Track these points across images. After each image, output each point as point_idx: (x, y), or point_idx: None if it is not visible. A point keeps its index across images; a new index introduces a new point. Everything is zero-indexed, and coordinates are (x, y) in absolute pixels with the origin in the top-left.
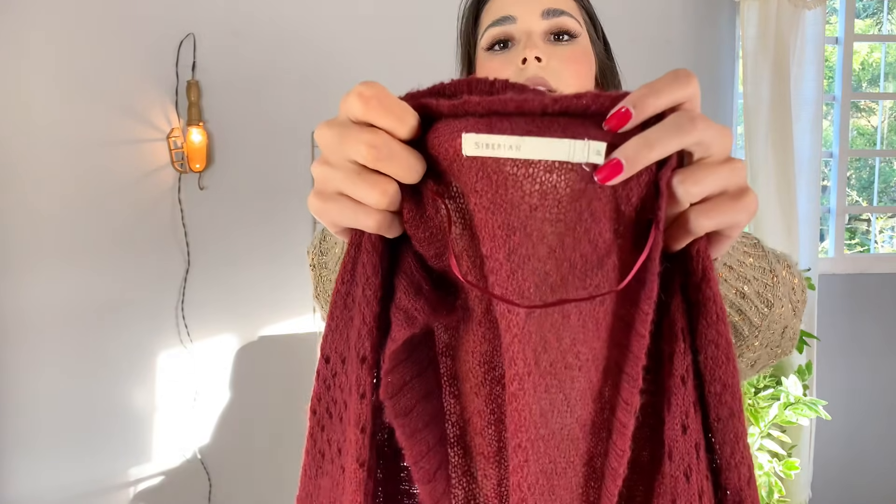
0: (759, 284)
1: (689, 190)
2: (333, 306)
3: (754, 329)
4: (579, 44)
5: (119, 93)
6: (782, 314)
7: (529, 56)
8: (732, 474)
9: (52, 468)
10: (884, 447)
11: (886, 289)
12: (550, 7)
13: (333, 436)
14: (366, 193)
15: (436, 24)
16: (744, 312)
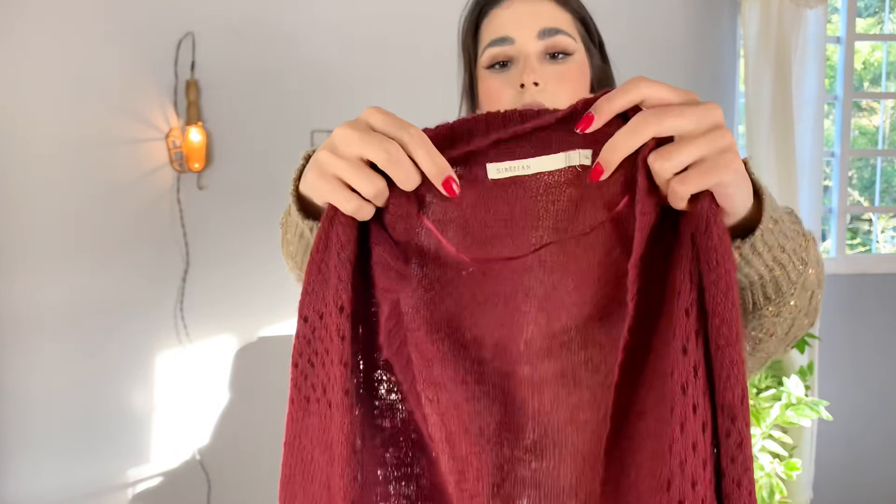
0: (794, 244)
1: (662, 165)
2: (309, 273)
3: (791, 285)
4: (574, 60)
5: (118, 92)
6: (813, 279)
7: (527, 82)
8: (727, 394)
9: (52, 468)
10: (886, 448)
11: (888, 289)
12: (546, 27)
13: (317, 381)
14: (364, 184)
15: (435, 23)
16: (784, 266)
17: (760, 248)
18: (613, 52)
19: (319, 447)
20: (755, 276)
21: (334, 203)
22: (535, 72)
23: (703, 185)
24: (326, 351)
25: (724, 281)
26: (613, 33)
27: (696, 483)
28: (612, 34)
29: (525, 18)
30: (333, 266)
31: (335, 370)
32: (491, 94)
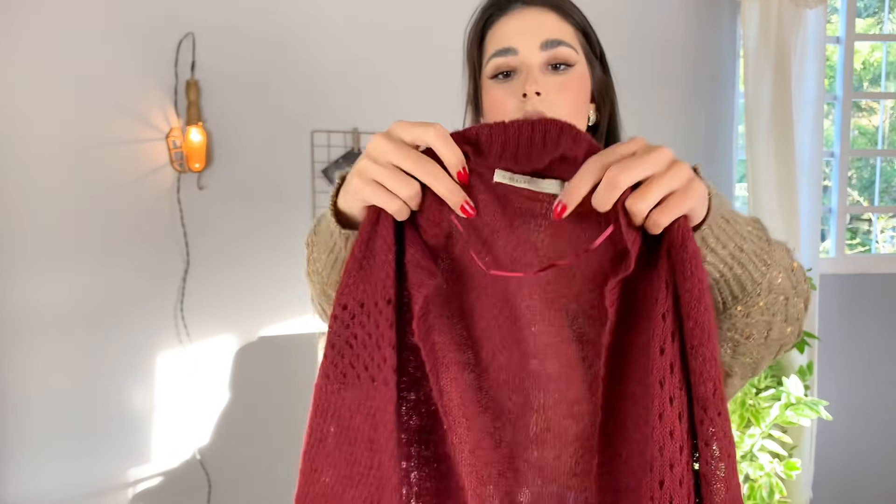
0: (755, 246)
1: (640, 206)
2: (350, 267)
3: (756, 285)
4: (575, 71)
5: (118, 92)
6: (781, 284)
7: (530, 91)
8: (701, 387)
9: (53, 468)
10: (885, 447)
11: (888, 289)
12: (549, 38)
13: (356, 360)
14: (402, 187)
15: (435, 23)
16: (745, 266)
17: (713, 243)
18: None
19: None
20: (716, 273)
21: (379, 203)
22: (537, 82)
23: (679, 213)
24: (369, 335)
25: (698, 288)
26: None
27: (674, 465)
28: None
29: (528, 30)
30: (380, 263)
31: (385, 352)
32: (495, 104)
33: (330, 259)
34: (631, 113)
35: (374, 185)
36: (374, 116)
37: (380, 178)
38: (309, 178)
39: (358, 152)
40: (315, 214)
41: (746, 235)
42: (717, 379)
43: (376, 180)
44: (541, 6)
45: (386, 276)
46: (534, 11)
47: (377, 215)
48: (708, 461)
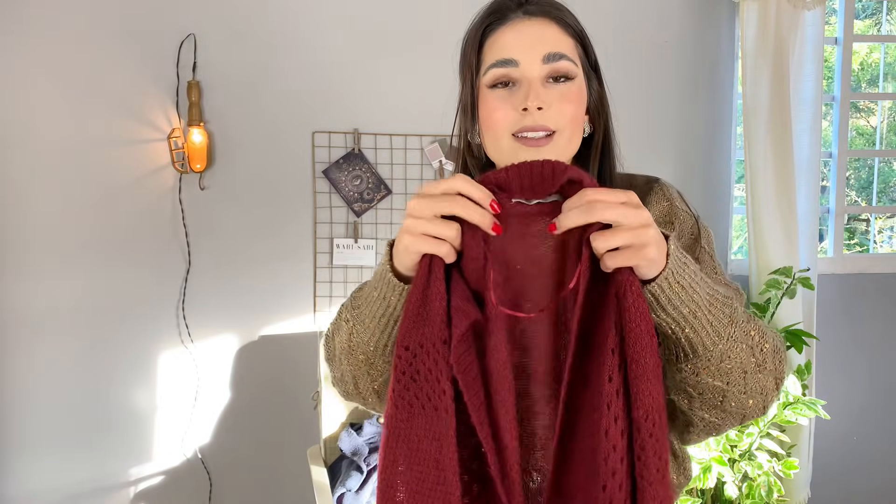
0: (713, 318)
1: (598, 245)
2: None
3: (707, 352)
4: (575, 84)
5: (120, 93)
6: (739, 358)
7: (531, 106)
8: (636, 412)
9: (54, 467)
10: (883, 446)
11: (885, 289)
12: (551, 52)
13: (420, 392)
14: (445, 230)
15: (435, 23)
16: (696, 331)
17: (663, 301)
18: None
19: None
20: (667, 329)
21: (430, 250)
22: (539, 97)
23: (624, 264)
24: (430, 371)
25: (635, 332)
26: (613, 35)
27: (616, 473)
28: (612, 35)
29: (530, 42)
30: (436, 309)
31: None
32: (492, 114)
33: (381, 324)
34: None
35: (423, 237)
36: (375, 117)
37: (426, 230)
38: (310, 179)
39: (358, 152)
40: (316, 215)
41: (704, 306)
42: (648, 406)
43: (424, 232)
44: (542, 17)
45: (441, 321)
46: (535, 22)
47: (429, 266)
48: (640, 471)
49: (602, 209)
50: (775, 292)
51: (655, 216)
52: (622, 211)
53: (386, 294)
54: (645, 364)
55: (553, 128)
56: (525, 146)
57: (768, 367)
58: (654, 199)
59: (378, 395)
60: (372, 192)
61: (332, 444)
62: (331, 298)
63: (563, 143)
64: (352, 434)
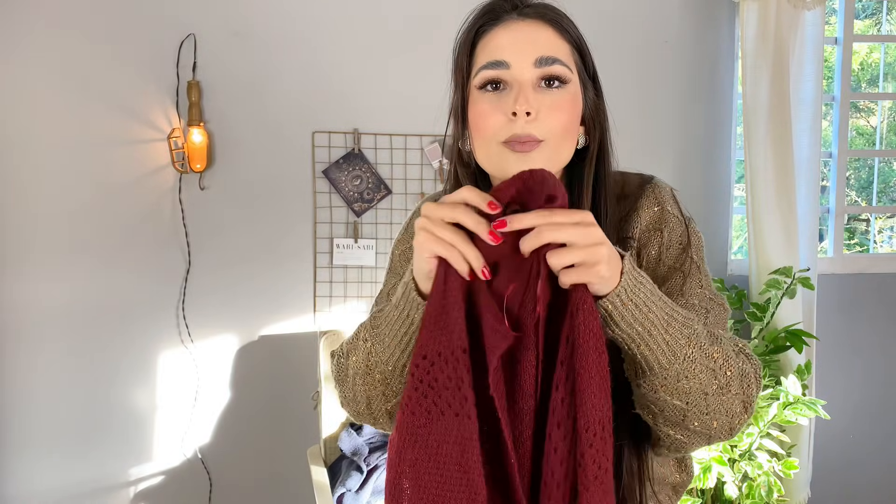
0: (669, 337)
1: (554, 262)
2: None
3: (663, 370)
4: (568, 90)
5: (120, 93)
6: (698, 377)
7: (520, 111)
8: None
9: (52, 468)
10: (883, 446)
11: (885, 289)
12: (544, 55)
13: (438, 399)
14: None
15: (435, 24)
16: (651, 349)
17: (617, 318)
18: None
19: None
20: (623, 345)
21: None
22: (528, 102)
23: (577, 280)
24: (449, 378)
25: (583, 347)
26: (613, 34)
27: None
28: (612, 35)
29: (523, 44)
30: (454, 319)
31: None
32: (481, 117)
33: (402, 343)
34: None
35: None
36: (375, 117)
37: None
38: (310, 179)
39: (358, 152)
40: (316, 215)
41: (659, 325)
42: (592, 418)
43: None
44: (537, 19)
45: (460, 329)
46: (530, 24)
47: (444, 276)
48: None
49: (551, 231)
50: (775, 292)
51: (645, 222)
52: (573, 231)
53: (409, 312)
54: (590, 378)
55: (540, 137)
56: (512, 151)
57: (733, 390)
58: (644, 203)
59: (390, 415)
60: (372, 192)
61: (332, 444)
62: (331, 298)
63: (551, 151)
64: (352, 434)
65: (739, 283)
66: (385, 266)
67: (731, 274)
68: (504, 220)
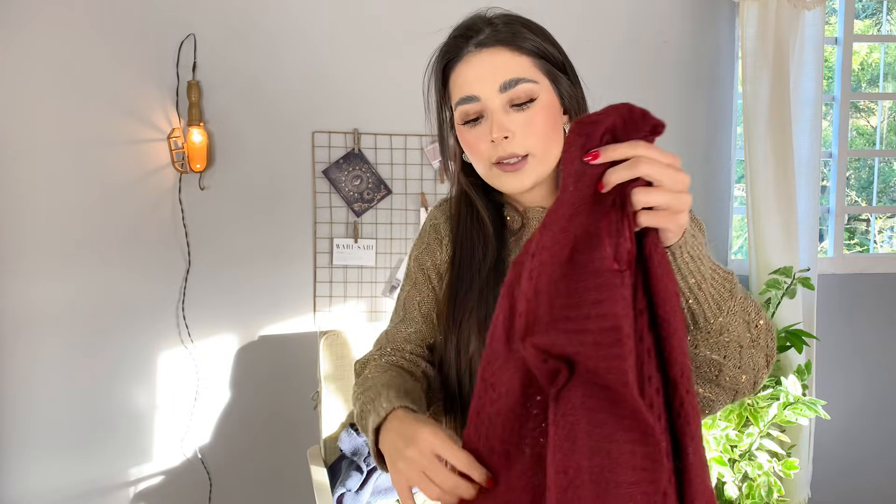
0: (714, 291)
1: (638, 199)
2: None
3: (707, 324)
4: (539, 103)
5: (119, 93)
6: (736, 332)
7: (497, 138)
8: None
9: (52, 468)
10: (883, 446)
11: (886, 289)
12: (506, 79)
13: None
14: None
15: (435, 24)
16: (699, 302)
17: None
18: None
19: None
20: None
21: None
22: (502, 127)
23: (656, 224)
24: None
25: (664, 292)
26: (613, 34)
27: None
28: (612, 35)
29: (485, 74)
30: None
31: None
32: (470, 148)
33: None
34: None
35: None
36: (375, 117)
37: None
38: (310, 179)
39: (358, 152)
40: (316, 215)
41: (708, 278)
42: (683, 364)
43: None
44: (493, 46)
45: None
46: (487, 53)
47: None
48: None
49: (647, 165)
50: (775, 292)
51: None
52: (667, 172)
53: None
54: (676, 323)
55: (522, 153)
56: (504, 172)
57: (761, 343)
58: None
59: None
60: (372, 192)
61: (332, 444)
62: (331, 298)
63: (538, 161)
64: (352, 434)
65: (739, 282)
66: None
67: None
68: (597, 150)
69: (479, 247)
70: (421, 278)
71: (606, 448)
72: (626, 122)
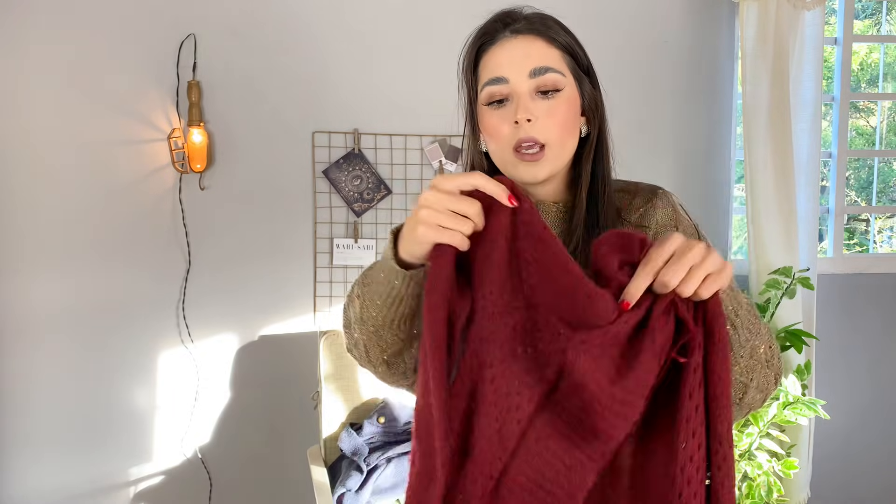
0: (748, 316)
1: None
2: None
3: (741, 349)
4: (563, 95)
5: (120, 93)
6: (762, 354)
7: (521, 119)
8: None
9: (52, 468)
10: (882, 446)
11: (885, 289)
12: (537, 66)
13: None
14: (462, 225)
15: (435, 24)
16: (736, 329)
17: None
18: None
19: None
20: None
21: (447, 240)
22: (527, 110)
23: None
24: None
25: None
26: (613, 34)
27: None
28: (612, 35)
29: (517, 59)
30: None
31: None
32: (491, 129)
33: (387, 303)
34: (630, 113)
35: (439, 229)
36: (375, 117)
37: (444, 223)
38: (310, 179)
39: (358, 152)
40: (316, 215)
41: (743, 304)
42: (730, 421)
43: (441, 224)
44: (528, 34)
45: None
46: (522, 40)
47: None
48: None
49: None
50: (775, 292)
51: (660, 219)
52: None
53: (390, 278)
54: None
55: (542, 140)
56: (522, 160)
57: (774, 362)
58: (659, 203)
59: (387, 364)
60: (372, 192)
61: (332, 444)
62: (331, 298)
63: (554, 154)
64: (352, 434)
65: (739, 283)
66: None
67: None
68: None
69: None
70: None
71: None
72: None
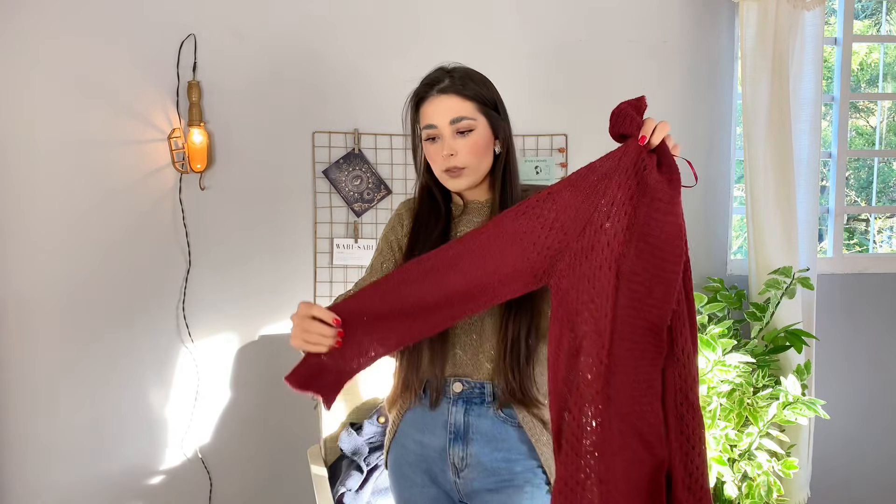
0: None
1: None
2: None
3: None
4: (476, 132)
5: (120, 93)
6: None
7: (446, 155)
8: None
9: (53, 467)
10: (882, 446)
11: (885, 289)
12: (454, 116)
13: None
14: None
15: (435, 24)
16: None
17: None
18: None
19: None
20: None
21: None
22: (451, 147)
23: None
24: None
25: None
26: (613, 34)
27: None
28: (612, 35)
29: (440, 112)
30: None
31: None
32: (430, 157)
33: None
34: None
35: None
36: (375, 117)
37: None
38: (310, 179)
39: (358, 152)
40: (316, 215)
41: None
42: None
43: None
44: (448, 93)
45: None
46: (444, 98)
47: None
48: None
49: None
50: (775, 292)
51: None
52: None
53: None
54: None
55: (462, 166)
56: (450, 176)
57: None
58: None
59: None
60: (372, 192)
61: (332, 444)
62: (331, 298)
63: (472, 171)
64: (352, 434)
65: (739, 282)
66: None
67: (730, 274)
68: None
69: (433, 220)
70: (386, 248)
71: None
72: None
